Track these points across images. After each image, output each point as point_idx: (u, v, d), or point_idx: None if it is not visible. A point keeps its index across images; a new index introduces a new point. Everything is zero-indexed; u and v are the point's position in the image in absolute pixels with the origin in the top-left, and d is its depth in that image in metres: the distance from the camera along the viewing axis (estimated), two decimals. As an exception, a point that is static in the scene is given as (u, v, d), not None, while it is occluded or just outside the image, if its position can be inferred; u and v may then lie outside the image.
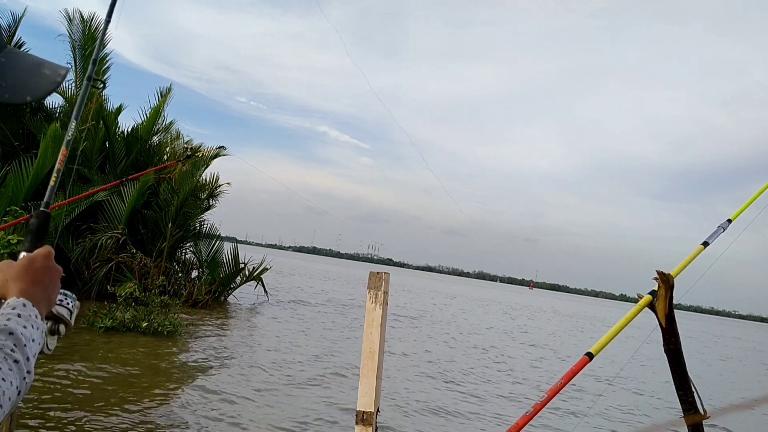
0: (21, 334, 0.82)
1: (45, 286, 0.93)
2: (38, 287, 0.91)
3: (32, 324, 0.86)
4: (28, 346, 0.83)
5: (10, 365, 0.78)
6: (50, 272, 0.95)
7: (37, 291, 0.91)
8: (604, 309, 76.62)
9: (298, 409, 6.39)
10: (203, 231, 14.40)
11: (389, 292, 3.29)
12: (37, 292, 0.91)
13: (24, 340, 0.82)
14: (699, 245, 2.55)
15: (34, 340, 0.84)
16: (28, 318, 0.85)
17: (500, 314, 30.71)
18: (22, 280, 0.91)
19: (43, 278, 0.93)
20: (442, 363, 11.03)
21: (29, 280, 0.91)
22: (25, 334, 0.83)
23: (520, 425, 1.82)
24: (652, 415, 8.97)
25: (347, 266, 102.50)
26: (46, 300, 0.92)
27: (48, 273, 0.95)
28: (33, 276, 0.92)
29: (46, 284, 0.93)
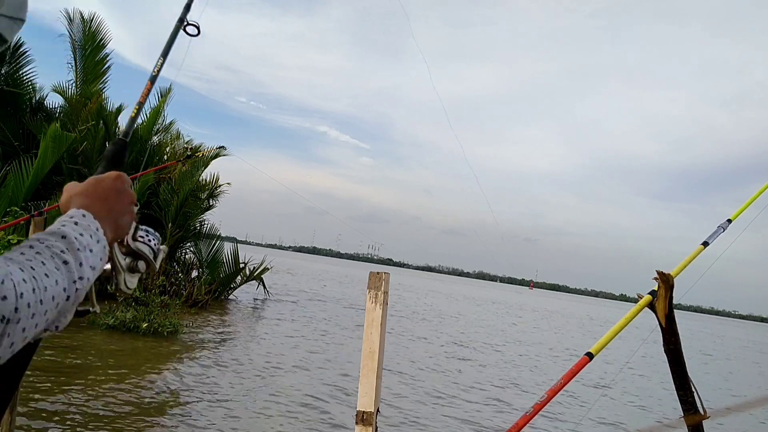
0: (75, 239, 0.76)
1: (111, 206, 0.86)
2: (103, 205, 0.85)
3: (90, 234, 0.79)
4: (83, 252, 0.76)
5: (57, 264, 0.72)
6: (119, 194, 0.89)
7: (101, 208, 0.84)
8: (604, 309, 76.62)
9: (298, 409, 6.39)
10: (203, 231, 14.40)
11: (389, 292, 3.29)
12: (101, 210, 0.84)
13: (77, 245, 0.76)
14: (699, 245, 2.54)
15: (91, 250, 0.78)
16: (86, 228, 0.79)
17: (500, 314, 30.71)
18: (86, 195, 0.85)
19: (109, 197, 0.87)
20: (441, 363, 11.04)
21: (94, 196, 0.86)
22: (81, 241, 0.77)
23: (520, 425, 1.82)
24: (652, 415, 8.97)
25: (347, 266, 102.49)
26: (111, 221, 0.85)
27: (116, 194, 0.88)
28: (99, 193, 0.87)
29: (112, 204, 0.87)
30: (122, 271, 0.92)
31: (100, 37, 13.12)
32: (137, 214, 0.95)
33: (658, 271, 2.28)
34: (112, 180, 0.89)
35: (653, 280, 2.29)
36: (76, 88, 12.97)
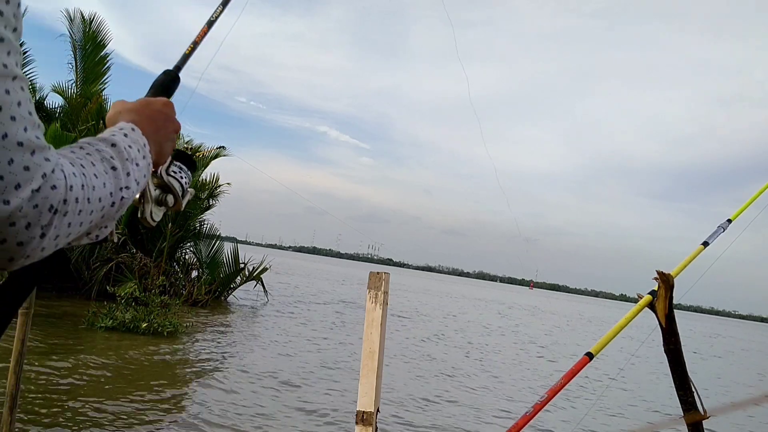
0: (124, 148, 0.76)
1: (158, 127, 0.86)
2: (151, 125, 0.84)
3: (138, 148, 0.79)
4: (131, 164, 0.76)
5: (105, 168, 0.71)
6: (167, 119, 0.89)
7: (148, 128, 0.83)
8: (604, 309, 76.64)
9: (298, 409, 6.40)
10: (203, 231, 14.40)
11: (389, 292, 3.29)
12: (149, 129, 0.83)
13: (126, 155, 0.76)
14: (699, 245, 2.55)
15: (137, 164, 0.77)
16: (135, 141, 0.79)
17: (500, 314, 30.72)
18: (136, 112, 0.85)
19: (157, 119, 0.87)
20: (439, 362, 11.04)
21: (143, 115, 0.85)
22: (129, 152, 0.76)
23: (520, 425, 1.82)
24: (652, 415, 8.97)
25: (347, 266, 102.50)
26: (157, 143, 0.84)
27: (164, 118, 0.88)
28: (148, 113, 0.86)
29: (159, 126, 0.86)
30: (150, 201, 0.92)
31: (100, 37, 13.13)
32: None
33: (658, 271, 2.29)
34: (162, 104, 0.90)
35: (653, 280, 2.30)
36: (76, 88, 12.97)
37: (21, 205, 0.58)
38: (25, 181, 0.58)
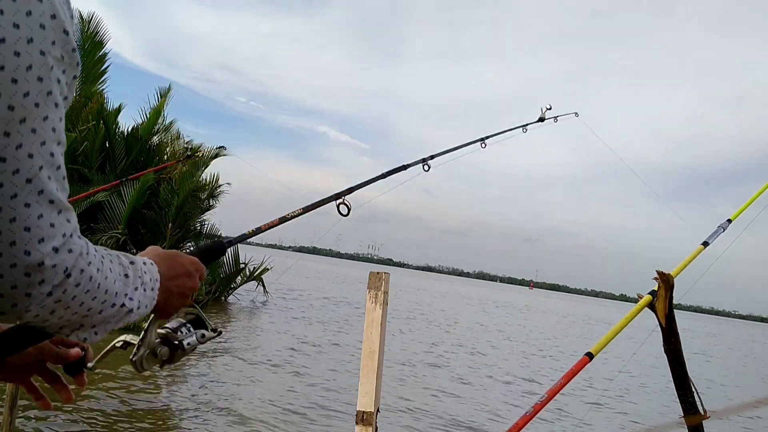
0: (140, 268, 0.79)
1: (174, 276, 0.88)
2: (169, 271, 0.87)
3: (150, 278, 0.81)
4: (140, 285, 0.78)
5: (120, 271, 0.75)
6: (188, 276, 0.91)
7: (166, 272, 0.86)
8: (604, 309, 76.60)
9: (298, 409, 6.39)
10: (203, 231, 14.39)
11: (389, 292, 3.29)
12: (166, 273, 0.86)
13: (140, 273, 0.79)
14: (699, 245, 2.54)
15: (145, 290, 0.79)
16: (149, 271, 0.82)
17: (499, 314, 30.71)
18: (159, 256, 0.88)
19: (177, 270, 0.89)
20: (439, 362, 11.04)
21: (167, 262, 0.88)
22: (143, 276, 0.79)
23: (519, 425, 1.82)
24: (652, 415, 8.96)
25: (347, 266, 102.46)
26: (167, 289, 0.86)
27: (185, 272, 0.91)
28: (172, 263, 0.89)
29: (176, 276, 0.89)
30: (146, 347, 0.94)
31: (98, 37, 13.12)
32: (191, 315, 1.00)
33: (658, 271, 2.28)
34: (189, 262, 0.93)
35: (653, 280, 2.29)
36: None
37: (41, 260, 0.61)
38: (49, 237, 0.61)
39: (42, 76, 0.59)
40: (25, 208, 0.59)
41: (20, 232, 0.59)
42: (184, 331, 0.99)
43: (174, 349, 0.96)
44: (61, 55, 0.61)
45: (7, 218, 0.58)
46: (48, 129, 0.60)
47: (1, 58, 0.55)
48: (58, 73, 0.61)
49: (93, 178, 11.83)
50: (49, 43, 0.59)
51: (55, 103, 0.61)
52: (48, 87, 0.60)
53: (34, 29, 0.58)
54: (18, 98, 0.57)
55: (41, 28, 0.58)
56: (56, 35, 0.60)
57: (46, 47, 0.59)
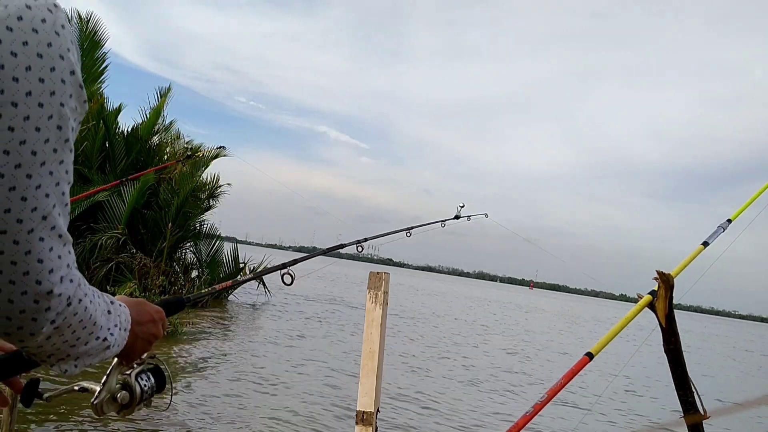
0: (117, 308, 0.86)
1: (140, 322, 0.94)
2: (136, 317, 0.93)
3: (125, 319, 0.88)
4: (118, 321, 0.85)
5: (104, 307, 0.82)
6: (152, 323, 0.97)
7: (133, 320, 0.92)
8: (604, 309, 76.58)
9: (298, 409, 6.39)
10: (203, 231, 14.38)
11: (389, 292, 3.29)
12: (135, 319, 0.92)
13: (117, 313, 0.86)
14: (699, 245, 2.54)
15: (119, 329, 0.86)
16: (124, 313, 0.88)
17: (500, 314, 30.71)
18: (128, 303, 0.94)
19: (143, 316, 0.95)
20: (438, 362, 11.04)
21: (134, 309, 0.94)
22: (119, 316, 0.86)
23: (519, 425, 1.82)
24: (652, 416, 8.96)
25: (347, 266, 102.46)
26: (133, 333, 0.91)
27: (150, 319, 0.97)
28: (138, 310, 0.95)
29: (141, 322, 0.94)
30: (107, 391, 0.97)
31: (97, 36, 13.11)
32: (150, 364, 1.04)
33: (658, 271, 2.28)
34: (155, 310, 1.00)
35: (653, 280, 2.29)
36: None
37: (51, 289, 0.69)
38: (57, 268, 0.69)
39: (61, 125, 0.68)
40: (40, 242, 0.67)
41: (34, 263, 0.66)
42: (144, 378, 1.02)
43: (133, 395, 0.99)
44: (76, 105, 0.71)
45: (24, 251, 0.66)
46: (62, 171, 0.69)
47: (26, 108, 0.64)
48: (73, 122, 0.70)
49: (93, 178, 11.82)
50: (67, 96, 0.68)
51: (70, 148, 0.70)
52: (65, 135, 0.69)
53: (56, 83, 0.66)
54: (39, 144, 0.65)
55: (62, 83, 0.67)
56: (73, 89, 0.70)
57: (65, 100, 0.68)
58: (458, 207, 4.72)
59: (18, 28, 0.63)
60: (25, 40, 0.64)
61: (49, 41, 0.66)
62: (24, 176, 0.64)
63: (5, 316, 0.68)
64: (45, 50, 0.65)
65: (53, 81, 0.66)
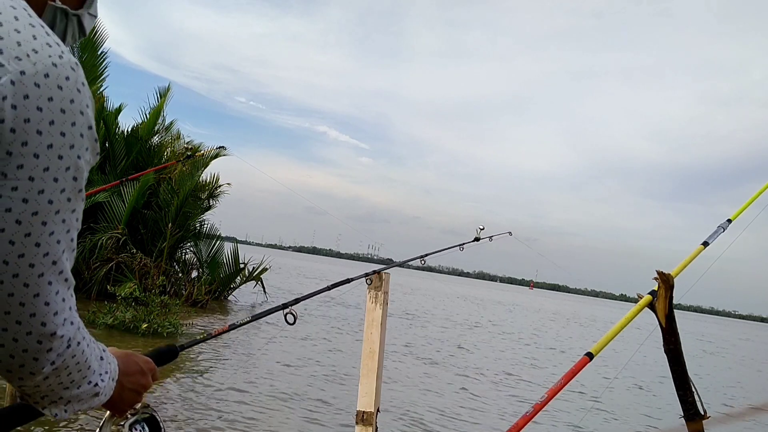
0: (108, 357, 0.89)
1: (128, 373, 0.95)
2: (124, 368, 0.94)
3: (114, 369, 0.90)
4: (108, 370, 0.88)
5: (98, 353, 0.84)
6: (140, 372, 0.98)
7: (121, 371, 0.94)
8: (603, 309, 76.57)
9: (298, 409, 6.39)
10: (203, 231, 14.38)
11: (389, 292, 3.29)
12: (122, 369, 0.94)
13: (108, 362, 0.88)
14: (699, 245, 2.54)
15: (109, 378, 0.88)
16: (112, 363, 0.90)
17: (500, 314, 30.72)
18: (117, 355, 0.95)
19: (131, 367, 0.96)
20: (438, 361, 11.03)
21: (122, 360, 0.95)
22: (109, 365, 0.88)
23: (519, 425, 1.82)
24: (652, 416, 8.96)
25: (347, 266, 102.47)
26: (120, 383, 0.92)
27: (138, 370, 0.98)
28: (127, 360, 0.97)
29: (129, 373, 0.95)
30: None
31: (97, 36, 13.11)
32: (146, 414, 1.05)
33: (658, 271, 2.28)
34: (144, 361, 1.01)
35: (653, 280, 2.29)
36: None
37: (54, 330, 0.72)
38: (61, 311, 0.73)
39: (77, 176, 0.72)
40: (48, 286, 0.70)
41: (41, 305, 0.70)
42: (138, 429, 1.02)
43: None
44: (90, 158, 0.76)
45: (33, 293, 0.69)
46: (73, 219, 0.73)
47: (47, 160, 0.68)
48: (87, 173, 0.75)
49: (93, 178, 11.82)
50: (84, 149, 0.73)
51: (82, 198, 0.75)
52: (80, 186, 0.73)
53: (75, 137, 0.71)
54: (56, 194, 0.69)
55: (80, 137, 0.73)
56: (90, 143, 0.75)
57: (82, 153, 0.73)
58: (478, 229, 4.63)
59: (45, 84, 0.68)
60: (50, 96, 0.68)
61: (71, 98, 0.71)
62: (40, 223, 0.68)
63: (9, 354, 0.70)
64: (68, 106, 0.70)
65: (73, 135, 0.71)
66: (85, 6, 0.90)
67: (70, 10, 0.88)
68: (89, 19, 0.92)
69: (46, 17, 0.84)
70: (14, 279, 0.68)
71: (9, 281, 0.67)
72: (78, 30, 0.91)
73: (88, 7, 0.90)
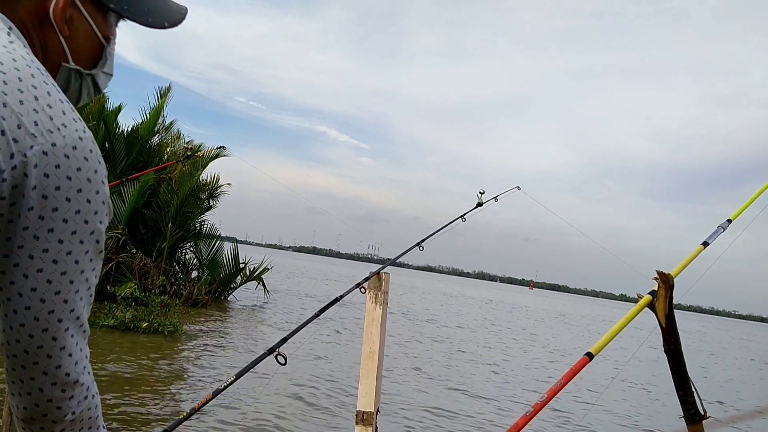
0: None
1: None
2: None
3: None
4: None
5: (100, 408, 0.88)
6: None
7: None
8: (603, 309, 76.58)
9: (297, 409, 6.40)
10: (203, 231, 14.38)
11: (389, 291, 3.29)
12: None
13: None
14: (699, 245, 2.54)
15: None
16: None
17: (500, 314, 30.71)
18: None
19: None
20: (438, 361, 11.03)
21: None
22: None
23: (520, 425, 1.82)
24: (652, 416, 8.96)
25: (347, 266, 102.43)
26: None
27: None
28: None
29: None
30: None
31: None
32: None
33: (658, 271, 2.28)
34: None
35: (653, 280, 2.29)
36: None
37: (77, 379, 0.79)
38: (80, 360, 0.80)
39: (99, 239, 0.78)
40: (71, 338, 0.77)
41: (65, 357, 0.76)
42: None
43: None
44: (107, 222, 0.81)
45: (59, 347, 0.76)
46: (93, 276, 0.79)
47: (74, 224, 0.74)
48: (104, 235, 0.80)
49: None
50: (104, 215, 0.79)
51: (101, 257, 0.81)
52: (100, 247, 0.79)
53: (98, 204, 0.77)
54: (81, 255, 0.75)
55: (102, 204, 0.78)
56: (108, 209, 0.80)
57: (103, 218, 0.79)
58: (478, 194, 4.14)
59: (73, 156, 0.74)
60: (78, 167, 0.74)
61: (95, 169, 0.77)
62: (68, 282, 0.75)
63: (35, 403, 0.76)
64: (93, 176, 0.76)
65: (97, 202, 0.77)
66: (98, 65, 0.93)
67: (84, 71, 0.91)
68: (104, 78, 0.95)
69: (60, 78, 0.88)
70: (44, 333, 0.74)
71: (39, 335, 0.74)
72: (93, 88, 0.95)
73: (102, 66, 0.94)
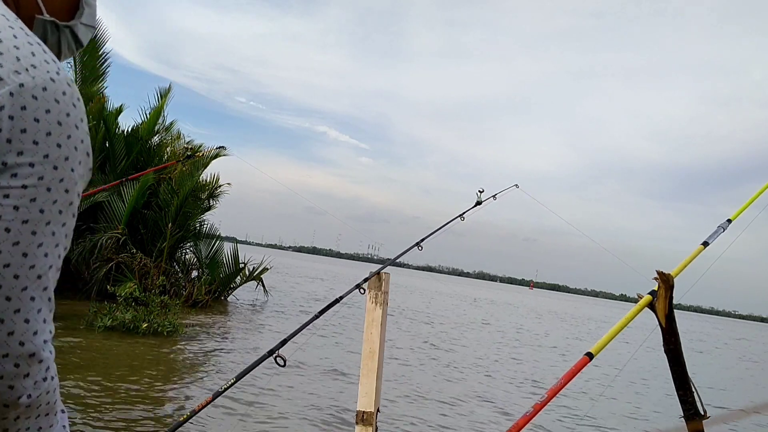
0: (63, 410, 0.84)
1: None
2: None
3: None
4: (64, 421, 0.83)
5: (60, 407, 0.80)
6: None
7: None
8: (604, 309, 76.58)
9: (297, 409, 6.39)
10: (203, 231, 14.38)
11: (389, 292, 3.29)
12: None
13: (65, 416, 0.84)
14: (699, 245, 2.54)
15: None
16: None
17: (500, 314, 30.72)
18: None
19: None
20: (438, 361, 11.04)
21: None
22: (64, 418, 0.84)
23: (520, 425, 1.82)
24: (652, 416, 8.96)
25: (347, 266, 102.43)
26: None
27: None
28: None
29: None
30: None
31: (98, 37, 13.10)
32: None
33: (658, 271, 2.28)
34: None
35: (653, 280, 2.29)
36: (75, 87, 12.92)
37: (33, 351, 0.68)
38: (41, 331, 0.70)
39: (69, 188, 0.71)
40: (30, 302, 0.66)
41: (21, 323, 0.65)
42: None
43: None
44: (83, 172, 0.75)
45: (13, 308, 0.64)
46: (62, 235, 0.71)
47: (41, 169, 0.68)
48: (79, 187, 0.74)
49: (93, 178, 11.82)
50: (77, 163, 0.73)
51: (73, 213, 0.73)
52: (71, 198, 0.72)
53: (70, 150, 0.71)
54: (48, 204, 0.68)
55: (74, 150, 0.73)
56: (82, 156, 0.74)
57: (75, 165, 0.73)
58: (477, 192, 4.17)
59: (42, 97, 0.69)
60: (47, 109, 0.69)
61: (67, 111, 0.71)
62: (29, 233, 0.66)
63: None
64: (64, 119, 0.71)
65: (68, 147, 0.71)
66: (76, 16, 0.88)
67: (60, 23, 0.86)
68: (85, 30, 0.90)
69: (35, 31, 0.83)
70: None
71: None
72: (74, 42, 0.90)
73: (80, 17, 0.88)
